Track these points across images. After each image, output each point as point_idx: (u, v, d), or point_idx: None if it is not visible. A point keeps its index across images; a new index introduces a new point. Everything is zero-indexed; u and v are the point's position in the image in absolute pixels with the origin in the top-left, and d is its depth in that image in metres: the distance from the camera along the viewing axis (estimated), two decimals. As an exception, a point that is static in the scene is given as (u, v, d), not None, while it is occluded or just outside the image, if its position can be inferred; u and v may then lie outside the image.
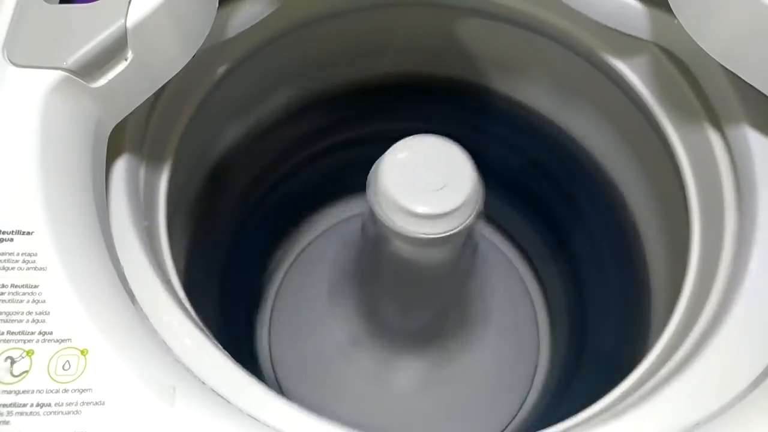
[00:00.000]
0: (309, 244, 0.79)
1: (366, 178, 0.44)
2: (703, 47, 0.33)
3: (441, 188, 0.42)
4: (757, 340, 0.32)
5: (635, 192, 0.55)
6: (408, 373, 0.69)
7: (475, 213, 0.43)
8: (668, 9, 0.35)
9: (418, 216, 0.42)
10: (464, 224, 0.43)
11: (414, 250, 0.47)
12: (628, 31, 0.42)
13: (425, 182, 0.42)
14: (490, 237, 0.79)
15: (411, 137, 0.44)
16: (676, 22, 0.35)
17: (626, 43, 0.45)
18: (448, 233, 0.43)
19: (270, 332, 0.74)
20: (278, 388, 0.71)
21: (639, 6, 0.41)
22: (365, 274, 0.66)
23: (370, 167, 0.44)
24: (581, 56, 0.49)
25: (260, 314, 0.75)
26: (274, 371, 0.72)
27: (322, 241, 0.79)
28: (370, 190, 0.44)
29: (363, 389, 0.69)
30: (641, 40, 0.43)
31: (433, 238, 0.43)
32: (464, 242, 0.49)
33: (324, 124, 0.65)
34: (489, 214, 0.45)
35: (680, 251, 0.43)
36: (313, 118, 0.63)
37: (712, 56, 0.33)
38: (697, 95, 0.42)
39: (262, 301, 0.76)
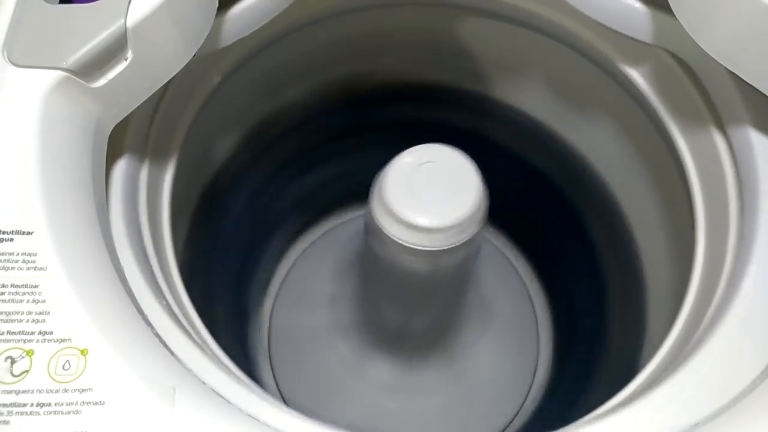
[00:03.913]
0: (310, 245, 0.79)
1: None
2: (703, 47, 0.33)
3: (446, 200, 0.42)
4: (756, 341, 0.32)
5: (641, 193, 0.55)
6: (408, 377, 0.69)
7: (479, 223, 0.43)
8: (672, 12, 0.35)
9: (421, 229, 0.41)
10: (469, 236, 0.43)
11: (415, 260, 0.47)
12: (632, 35, 0.42)
13: (430, 194, 0.42)
14: (491, 238, 0.79)
15: (416, 147, 0.43)
16: (679, 24, 0.34)
17: (632, 46, 0.45)
18: (452, 245, 0.43)
19: (270, 332, 0.74)
20: (278, 391, 0.71)
21: (643, 9, 0.41)
22: (365, 280, 0.66)
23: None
24: (585, 57, 0.49)
25: (262, 314, 0.75)
26: (272, 366, 0.72)
27: (323, 243, 0.79)
28: (373, 200, 0.44)
29: (364, 392, 0.69)
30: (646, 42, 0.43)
31: (438, 250, 0.43)
32: (467, 249, 0.49)
33: (325, 123, 0.65)
34: (492, 216, 0.45)
35: (684, 254, 0.43)
36: (313, 119, 0.63)
37: (712, 56, 0.33)
38: (704, 98, 0.42)
39: (263, 301, 0.76)
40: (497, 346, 0.73)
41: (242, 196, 0.65)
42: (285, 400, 0.69)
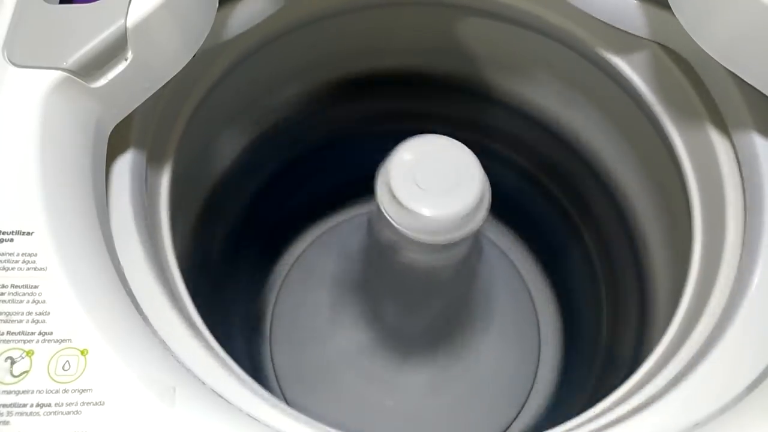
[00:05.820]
0: (310, 244, 0.79)
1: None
2: (702, 47, 0.33)
3: (449, 191, 0.42)
4: (756, 343, 0.32)
5: (638, 192, 0.55)
6: (409, 375, 0.69)
7: (482, 216, 0.43)
8: (670, 7, 0.35)
9: (426, 220, 0.42)
10: (472, 228, 0.43)
11: (420, 253, 0.47)
12: (630, 30, 0.42)
13: (433, 185, 0.42)
14: (492, 237, 0.79)
15: (417, 137, 0.43)
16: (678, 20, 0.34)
17: (628, 42, 0.45)
18: (456, 238, 0.43)
19: (272, 329, 0.74)
20: (278, 388, 0.71)
21: (641, 4, 0.41)
22: (368, 275, 0.66)
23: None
24: (583, 55, 0.49)
25: (262, 316, 0.75)
26: (273, 366, 0.72)
27: (323, 243, 0.79)
28: (377, 192, 0.44)
29: (364, 392, 0.69)
30: (643, 38, 0.43)
31: (440, 243, 0.43)
32: (470, 244, 0.49)
33: (324, 123, 0.65)
34: (493, 214, 0.45)
35: (683, 252, 0.43)
36: (312, 118, 0.63)
37: (712, 56, 0.33)
38: (700, 95, 0.42)
39: (264, 302, 0.76)
40: (499, 344, 0.73)
41: (244, 192, 0.65)
42: (286, 399, 0.69)
